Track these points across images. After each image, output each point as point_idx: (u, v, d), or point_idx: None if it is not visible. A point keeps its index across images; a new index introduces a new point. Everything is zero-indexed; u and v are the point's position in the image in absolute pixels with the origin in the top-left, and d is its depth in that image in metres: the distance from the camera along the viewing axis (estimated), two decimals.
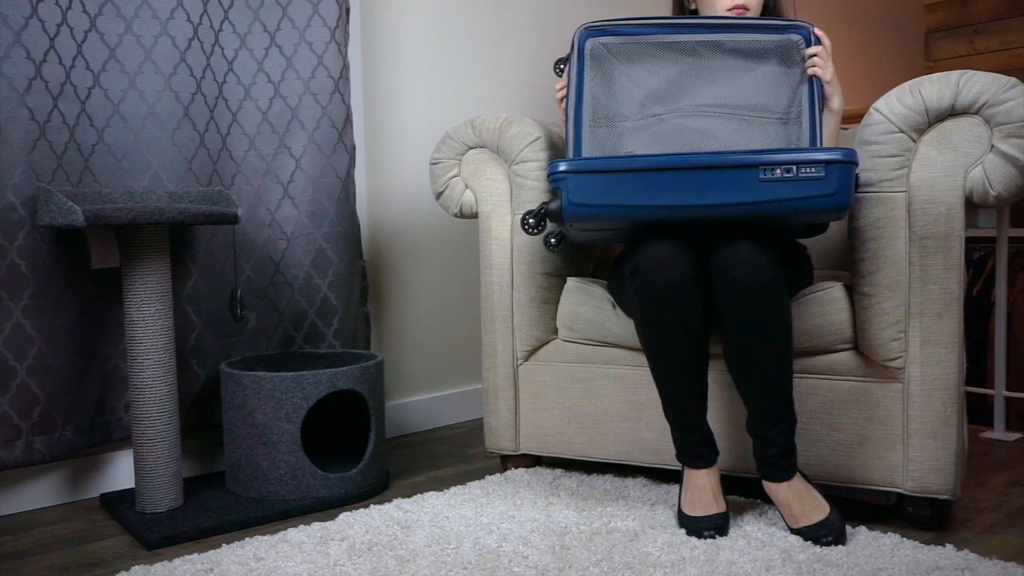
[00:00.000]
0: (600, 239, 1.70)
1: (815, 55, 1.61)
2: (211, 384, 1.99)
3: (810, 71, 1.61)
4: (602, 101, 1.64)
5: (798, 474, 1.53)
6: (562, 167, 1.46)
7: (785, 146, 1.61)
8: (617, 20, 1.64)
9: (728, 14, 1.74)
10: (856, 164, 1.42)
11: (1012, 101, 1.45)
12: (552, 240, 1.65)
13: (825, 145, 1.61)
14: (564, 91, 1.70)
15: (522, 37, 2.64)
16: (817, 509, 1.51)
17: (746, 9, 1.76)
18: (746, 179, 1.42)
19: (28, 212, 1.72)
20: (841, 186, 1.41)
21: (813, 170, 1.41)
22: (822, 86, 1.61)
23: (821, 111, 1.61)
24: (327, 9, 2.04)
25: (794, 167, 1.41)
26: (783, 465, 1.52)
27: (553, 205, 1.48)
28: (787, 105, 1.63)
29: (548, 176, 1.49)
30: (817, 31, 1.62)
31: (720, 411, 1.70)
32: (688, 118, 1.62)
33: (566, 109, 1.66)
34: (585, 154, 1.62)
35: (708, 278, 1.52)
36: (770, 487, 1.54)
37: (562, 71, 1.72)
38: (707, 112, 1.62)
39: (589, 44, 1.62)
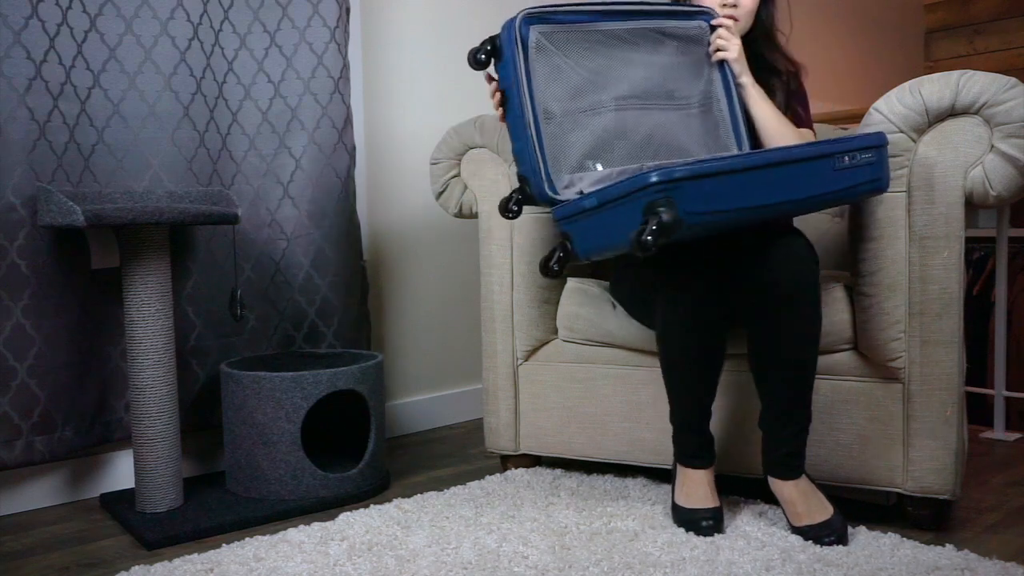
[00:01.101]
0: (609, 257, 1.65)
1: (719, 38, 1.64)
2: (211, 384, 1.99)
3: (715, 57, 1.66)
4: (543, 94, 1.57)
5: (804, 474, 1.54)
6: (679, 174, 1.33)
7: (708, 133, 1.66)
8: (550, 7, 1.59)
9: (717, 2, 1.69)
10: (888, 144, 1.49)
11: (1012, 101, 1.45)
12: (555, 266, 1.52)
13: (776, 126, 1.65)
14: (497, 89, 1.56)
15: None
16: (821, 510, 1.51)
17: (732, 20, 1.68)
18: (825, 170, 1.43)
19: (28, 212, 1.72)
20: (886, 168, 1.47)
21: (869, 155, 1.44)
22: (733, 70, 1.66)
23: (739, 96, 1.66)
24: (327, 9, 2.04)
25: (856, 154, 1.44)
26: (793, 464, 1.52)
27: (666, 217, 1.33)
28: (703, 94, 1.67)
29: (647, 187, 1.33)
30: (718, 20, 1.66)
31: (720, 411, 1.70)
32: (622, 111, 1.61)
33: (512, 107, 1.53)
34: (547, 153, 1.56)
35: (734, 278, 1.51)
36: (776, 484, 1.54)
37: (483, 62, 1.55)
38: (637, 104, 1.62)
39: (533, 34, 1.57)
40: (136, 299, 1.69)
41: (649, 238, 1.32)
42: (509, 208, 1.60)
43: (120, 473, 1.93)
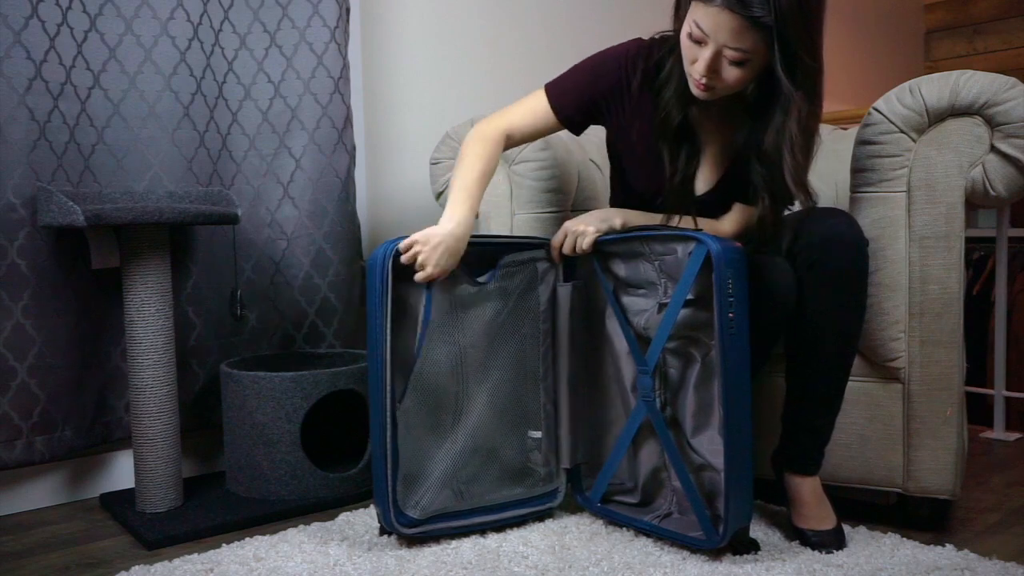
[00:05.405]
0: None
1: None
2: (211, 384, 1.99)
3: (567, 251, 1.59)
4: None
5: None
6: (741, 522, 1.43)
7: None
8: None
9: (696, 88, 1.44)
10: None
11: (1012, 101, 1.45)
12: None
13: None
14: None
15: (523, 37, 2.64)
16: (828, 517, 1.50)
17: (708, 89, 1.41)
18: (742, 340, 1.39)
19: (28, 212, 1.72)
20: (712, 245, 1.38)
21: (728, 283, 1.37)
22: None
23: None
24: (327, 9, 2.04)
25: (728, 305, 1.37)
26: (816, 459, 1.51)
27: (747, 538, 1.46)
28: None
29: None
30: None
31: None
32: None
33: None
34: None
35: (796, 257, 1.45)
36: (795, 481, 1.52)
37: None
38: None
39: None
40: (136, 299, 1.69)
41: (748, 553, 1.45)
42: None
43: (120, 473, 1.93)
